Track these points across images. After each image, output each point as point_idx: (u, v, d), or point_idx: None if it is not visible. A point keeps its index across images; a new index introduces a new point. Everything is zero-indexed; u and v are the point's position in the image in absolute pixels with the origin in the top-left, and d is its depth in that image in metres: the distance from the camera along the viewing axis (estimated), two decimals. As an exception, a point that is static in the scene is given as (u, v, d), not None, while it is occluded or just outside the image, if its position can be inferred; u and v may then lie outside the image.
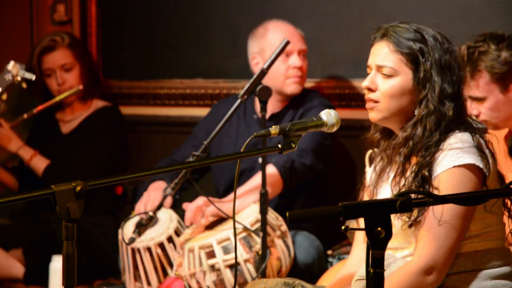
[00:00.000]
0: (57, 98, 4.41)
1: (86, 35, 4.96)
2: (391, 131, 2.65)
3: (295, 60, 3.90)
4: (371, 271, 1.87)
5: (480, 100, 3.20)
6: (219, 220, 3.68)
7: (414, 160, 2.53)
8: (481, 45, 3.15)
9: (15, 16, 5.12)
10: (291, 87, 3.93)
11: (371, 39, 2.63)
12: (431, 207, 2.42)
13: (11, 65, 3.58)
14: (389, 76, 2.56)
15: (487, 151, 2.50)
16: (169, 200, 3.77)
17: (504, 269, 2.52)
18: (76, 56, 4.48)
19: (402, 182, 2.52)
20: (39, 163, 4.39)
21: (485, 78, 3.15)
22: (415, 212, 2.45)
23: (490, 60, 3.13)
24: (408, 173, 2.52)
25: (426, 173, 2.46)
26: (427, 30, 2.56)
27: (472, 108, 3.21)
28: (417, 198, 1.90)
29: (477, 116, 3.22)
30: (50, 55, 4.43)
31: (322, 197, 4.07)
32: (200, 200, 3.62)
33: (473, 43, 3.17)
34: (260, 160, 3.88)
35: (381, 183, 2.64)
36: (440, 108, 2.50)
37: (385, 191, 2.60)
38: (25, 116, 4.32)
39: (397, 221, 2.49)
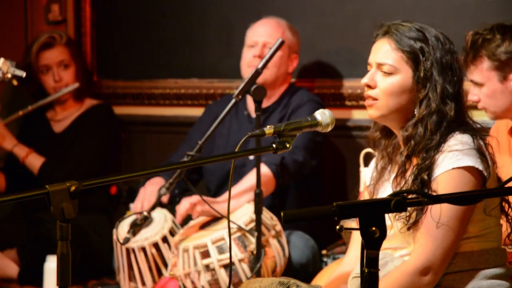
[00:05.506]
0: (55, 95, 4.42)
1: (80, 35, 4.95)
2: (391, 130, 2.64)
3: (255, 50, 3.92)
4: (366, 270, 1.87)
5: (479, 85, 3.20)
6: (214, 220, 3.68)
7: (414, 160, 2.52)
8: (487, 33, 3.14)
9: (9, 16, 5.11)
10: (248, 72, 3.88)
11: (373, 36, 2.61)
12: (429, 209, 2.42)
13: (1, 62, 3.56)
14: (389, 73, 2.54)
15: (487, 153, 2.48)
16: (165, 198, 3.77)
17: (500, 269, 2.51)
18: (73, 54, 4.53)
19: (403, 183, 2.52)
20: (35, 161, 4.38)
21: (485, 64, 3.14)
22: (413, 215, 2.45)
23: (493, 48, 3.12)
24: (408, 173, 2.51)
25: (425, 177, 2.45)
26: (429, 29, 2.55)
27: (474, 94, 3.21)
28: (412, 198, 1.89)
29: (477, 102, 3.22)
30: (48, 51, 4.46)
31: (316, 197, 4.07)
32: (195, 197, 3.62)
33: (481, 31, 3.17)
34: (251, 156, 3.88)
35: (382, 182, 2.63)
36: (442, 108, 2.49)
37: (386, 190, 2.60)
38: (20, 113, 4.32)
39: (397, 223, 2.48)
